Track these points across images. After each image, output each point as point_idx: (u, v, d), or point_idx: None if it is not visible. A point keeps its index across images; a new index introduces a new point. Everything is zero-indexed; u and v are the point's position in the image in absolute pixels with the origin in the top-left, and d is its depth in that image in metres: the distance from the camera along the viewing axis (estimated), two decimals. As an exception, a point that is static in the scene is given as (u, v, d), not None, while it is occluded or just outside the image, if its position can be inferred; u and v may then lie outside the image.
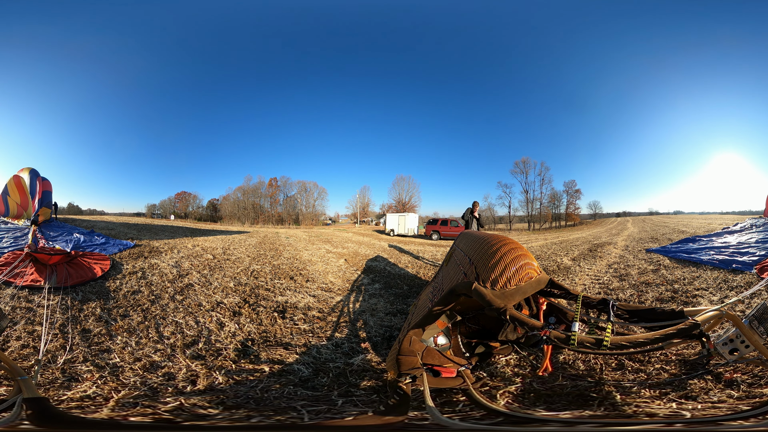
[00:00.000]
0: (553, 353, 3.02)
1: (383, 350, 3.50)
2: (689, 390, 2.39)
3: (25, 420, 2.01)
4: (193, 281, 5.81)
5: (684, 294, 4.94)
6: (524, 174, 43.32)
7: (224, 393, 2.60)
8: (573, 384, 2.58)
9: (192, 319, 4.16)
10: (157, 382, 2.74)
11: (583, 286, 6.03)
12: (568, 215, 43.34)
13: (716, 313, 2.40)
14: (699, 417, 2.06)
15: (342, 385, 2.75)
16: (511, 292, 2.49)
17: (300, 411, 2.31)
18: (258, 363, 3.16)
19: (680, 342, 2.42)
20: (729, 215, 25.68)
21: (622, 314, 2.77)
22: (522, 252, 2.78)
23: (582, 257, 9.66)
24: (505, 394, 2.51)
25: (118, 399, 2.44)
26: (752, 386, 2.36)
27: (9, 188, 10.85)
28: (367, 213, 50.48)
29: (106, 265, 6.09)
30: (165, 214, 46.24)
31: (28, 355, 3.06)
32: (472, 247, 3.27)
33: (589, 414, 2.18)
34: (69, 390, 2.55)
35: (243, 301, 5.00)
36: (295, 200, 48.81)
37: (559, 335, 2.30)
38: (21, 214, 10.73)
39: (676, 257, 7.94)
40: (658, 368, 2.75)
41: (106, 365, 2.96)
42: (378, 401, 2.49)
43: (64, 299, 4.38)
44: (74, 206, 40.82)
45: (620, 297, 5.12)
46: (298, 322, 4.34)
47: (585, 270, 7.58)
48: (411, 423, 2.14)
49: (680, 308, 2.62)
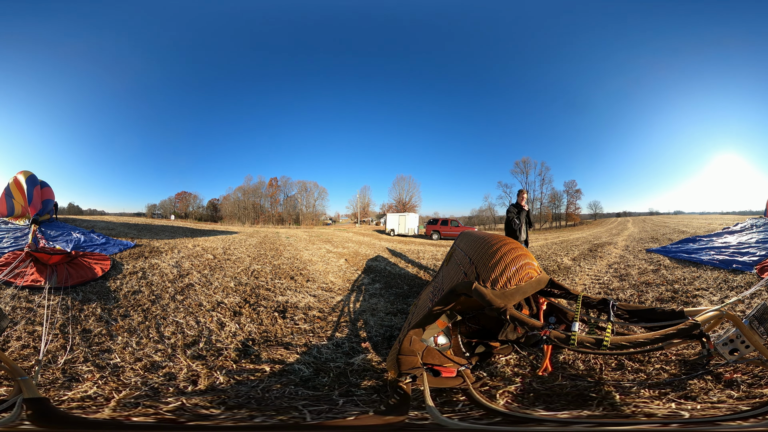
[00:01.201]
0: (553, 353, 3.02)
1: (384, 350, 3.50)
2: (689, 390, 2.39)
3: (25, 420, 2.02)
4: (193, 281, 5.82)
5: (684, 294, 4.94)
6: (524, 174, 43.38)
7: (225, 393, 2.60)
8: (572, 384, 2.59)
9: (193, 319, 4.17)
10: (158, 382, 2.74)
11: (584, 286, 6.03)
12: (568, 215, 43.37)
13: (716, 313, 2.40)
14: (697, 417, 2.06)
15: (343, 385, 2.75)
16: (511, 292, 2.50)
17: (302, 411, 2.31)
18: (259, 363, 3.17)
19: (680, 342, 2.43)
20: (729, 215, 25.67)
21: (622, 314, 2.78)
22: (522, 252, 2.78)
23: (582, 257, 9.66)
24: (505, 394, 2.52)
25: (119, 399, 2.45)
26: (752, 386, 2.36)
27: (12, 189, 10.90)
28: (367, 213, 50.52)
29: (107, 265, 6.10)
30: (165, 214, 46.27)
31: (29, 356, 3.07)
32: (472, 246, 3.28)
33: (587, 414, 2.19)
34: (70, 390, 2.55)
35: (243, 301, 5.00)
36: (295, 200, 48.88)
37: (559, 335, 2.30)
38: (24, 214, 10.77)
39: (677, 257, 7.94)
40: (658, 368, 2.75)
41: (107, 365, 2.96)
42: (378, 401, 2.50)
43: (64, 299, 4.38)
44: (74, 206, 40.85)
45: (620, 297, 5.12)
46: (299, 321, 4.34)
47: (585, 270, 7.59)
48: (411, 423, 2.15)
49: (680, 308, 2.62)
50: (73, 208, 40.31)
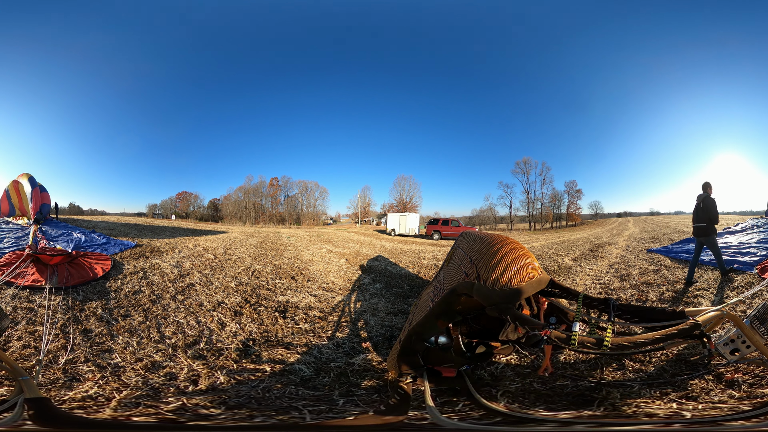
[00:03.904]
0: (554, 353, 3.02)
1: (384, 350, 3.50)
2: (690, 390, 2.39)
3: (27, 420, 2.02)
4: (194, 281, 5.82)
5: (685, 294, 4.94)
6: (525, 174, 43.28)
7: (226, 393, 2.61)
8: (573, 384, 2.59)
9: (193, 318, 4.17)
10: (159, 382, 2.75)
11: (584, 286, 6.02)
12: (569, 215, 43.30)
13: (717, 313, 2.40)
14: (699, 417, 2.06)
15: (343, 385, 2.75)
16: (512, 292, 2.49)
17: (302, 411, 2.31)
18: (259, 363, 3.17)
19: (681, 342, 2.43)
20: (730, 215, 25.59)
21: (623, 314, 2.77)
22: (523, 252, 2.78)
23: (583, 257, 9.65)
24: (506, 394, 2.51)
25: (120, 399, 2.45)
26: (753, 386, 2.36)
27: (10, 192, 10.94)
28: (368, 213, 50.51)
29: (108, 265, 6.10)
30: (166, 214, 46.30)
31: (30, 356, 3.07)
32: (473, 246, 3.28)
33: (588, 414, 2.19)
34: (71, 390, 2.55)
35: (244, 301, 5.01)
36: (296, 200, 48.88)
37: (560, 335, 2.30)
38: (25, 214, 10.82)
39: (678, 257, 7.93)
40: (659, 368, 2.75)
41: (108, 365, 2.97)
42: (379, 401, 2.50)
43: (65, 299, 4.39)
44: (75, 206, 40.87)
45: (621, 297, 5.12)
46: (300, 321, 4.34)
47: (586, 270, 7.58)
48: (411, 423, 2.15)
49: (681, 308, 2.62)
50: (74, 208, 40.34)
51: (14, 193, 10.88)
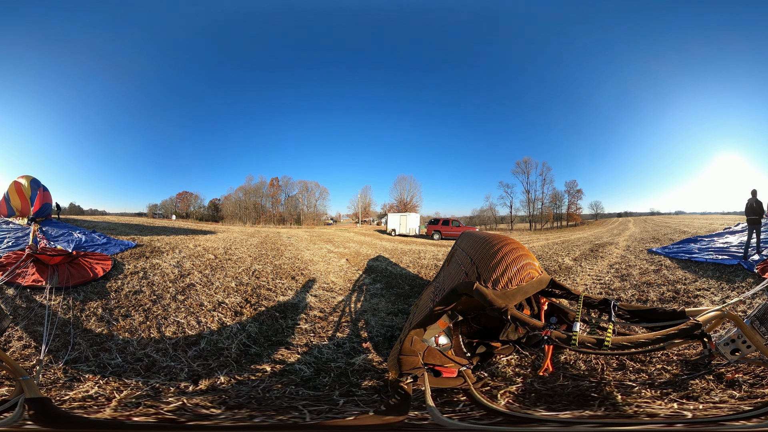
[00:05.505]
0: (555, 353, 3.02)
1: (385, 350, 3.50)
2: (691, 390, 2.39)
3: (27, 420, 2.02)
4: (194, 281, 5.82)
5: (685, 294, 4.93)
6: (526, 174, 43.25)
7: (226, 393, 2.61)
8: (574, 384, 2.58)
9: (194, 318, 4.17)
10: (159, 382, 2.75)
11: (585, 287, 6.02)
12: (569, 215, 43.27)
13: (718, 313, 2.39)
14: (700, 417, 2.06)
15: (343, 385, 2.75)
16: (512, 292, 2.50)
17: (302, 411, 2.31)
18: (260, 363, 3.17)
19: (682, 342, 2.42)
20: (730, 215, 25.57)
21: (624, 314, 2.77)
22: (523, 252, 2.78)
23: (583, 257, 9.64)
24: (506, 394, 2.51)
25: (120, 399, 2.45)
26: (754, 386, 2.36)
27: (10, 193, 10.95)
28: (368, 213, 50.51)
29: (108, 265, 6.10)
30: (166, 214, 46.32)
31: (30, 356, 3.07)
32: (473, 247, 3.27)
33: (589, 414, 2.18)
34: (71, 390, 2.56)
35: (244, 301, 5.01)
36: (296, 200, 48.89)
37: (561, 335, 2.30)
38: (25, 214, 10.83)
39: (678, 257, 7.93)
40: (659, 368, 2.75)
41: (108, 365, 2.97)
42: (379, 401, 2.50)
43: (65, 299, 4.39)
44: (76, 206, 40.88)
45: (622, 297, 5.12)
46: (300, 321, 4.34)
47: (586, 270, 7.58)
48: (411, 423, 2.14)
49: (681, 308, 2.61)
50: (74, 208, 40.36)
51: (14, 195, 10.89)
